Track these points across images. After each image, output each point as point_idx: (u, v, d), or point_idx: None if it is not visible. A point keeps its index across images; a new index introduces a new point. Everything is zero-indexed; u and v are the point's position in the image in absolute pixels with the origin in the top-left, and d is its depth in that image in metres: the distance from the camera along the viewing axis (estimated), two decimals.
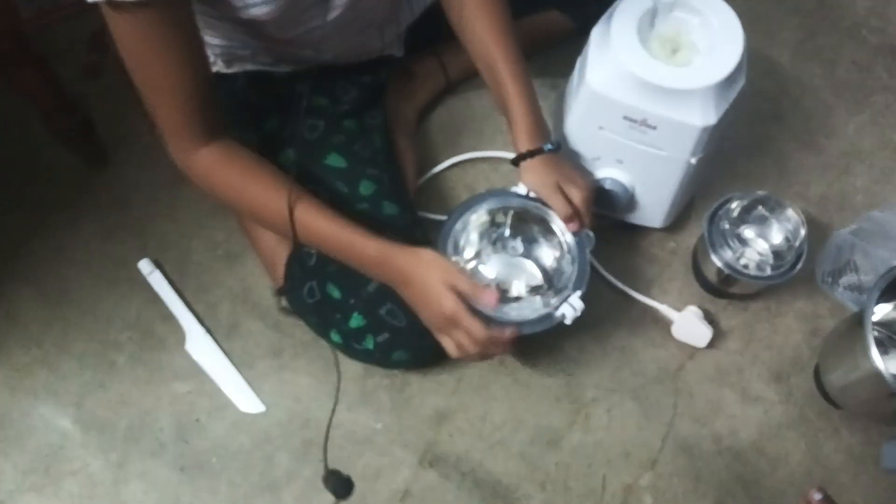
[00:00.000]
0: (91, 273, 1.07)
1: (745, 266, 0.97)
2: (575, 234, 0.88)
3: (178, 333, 1.03)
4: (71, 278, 1.07)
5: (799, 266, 0.97)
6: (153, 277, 1.05)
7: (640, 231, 1.10)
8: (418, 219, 1.01)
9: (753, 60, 1.22)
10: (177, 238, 1.10)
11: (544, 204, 0.89)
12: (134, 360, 1.02)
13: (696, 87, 0.85)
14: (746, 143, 1.18)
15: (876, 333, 0.99)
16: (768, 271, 0.97)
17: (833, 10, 1.31)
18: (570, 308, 0.85)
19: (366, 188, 0.96)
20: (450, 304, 0.80)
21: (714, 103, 0.87)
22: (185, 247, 1.09)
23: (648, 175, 0.98)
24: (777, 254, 0.97)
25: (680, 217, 1.10)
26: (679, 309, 1.04)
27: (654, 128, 0.90)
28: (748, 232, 0.97)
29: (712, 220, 0.99)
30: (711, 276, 1.03)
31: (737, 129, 1.14)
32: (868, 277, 1.03)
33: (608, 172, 0.99)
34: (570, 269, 0.87)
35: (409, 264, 0.82)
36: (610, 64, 0.88)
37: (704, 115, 0.88)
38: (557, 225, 0.89)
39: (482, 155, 1.16)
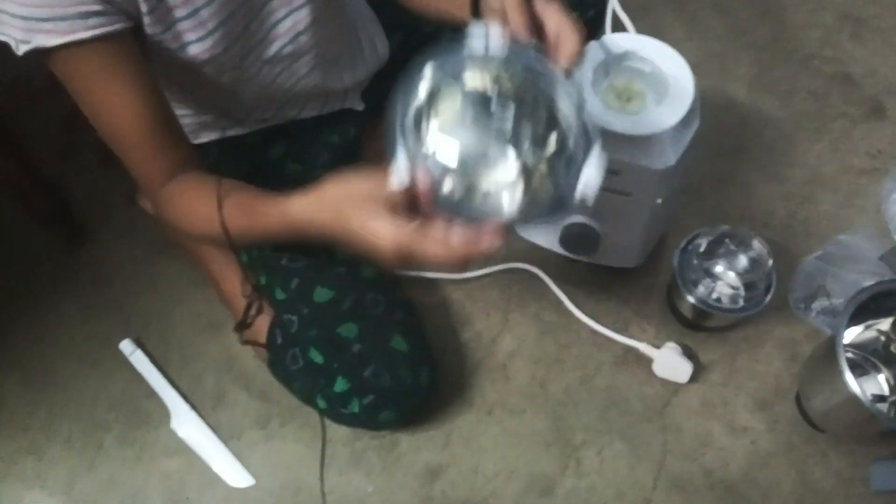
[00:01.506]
0: (74, 355, 1.08)
1: (718, 300, 0.99)
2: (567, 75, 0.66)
3: (165, 410, 1.03)
4: (55, 361, 1.07)
5: (769, 297, 0.98)
6: (135, 357, 1.06)
7: (615, 272, 1.12)
8: (398, 281, 1.02)
9: (712, 97, 1.27)
10: (158, 312, 1.10)
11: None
12: (121, 440, 1.02)
13: (651, 132, 0.88)
14: (712, 177, 1.21)
15: (851, 355, 1.01)
16: (741, 303, 0.99)
17: (786, 43, 1.36)
18: (593, 168, 0.63)
19: (343, 251, 0.97)
20: (391, 251, 0.61)
21: (671, 146, 0.90)
22: (168, 320, 1.10)
23: (616, 217, 1.00)
24: (748, 285, 0.99)
25: (652, 254, 1.12)
26: (658, 346, 1.05)
27: (617, 173, 0.92)
28: (717, 267, 0.99)
29: (682, 257, 1.01)
30: (687, 312, 1.04)
31: (701, 164, 1.17)
32: (840, 301, 1.05)
33: (577, 217, 1.01)
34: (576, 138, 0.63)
35: (323, 220, 0.66)
36: None
37: (663, 158, 0.90)
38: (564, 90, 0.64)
39: None
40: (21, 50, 0.67)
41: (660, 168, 0.91)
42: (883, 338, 0.99)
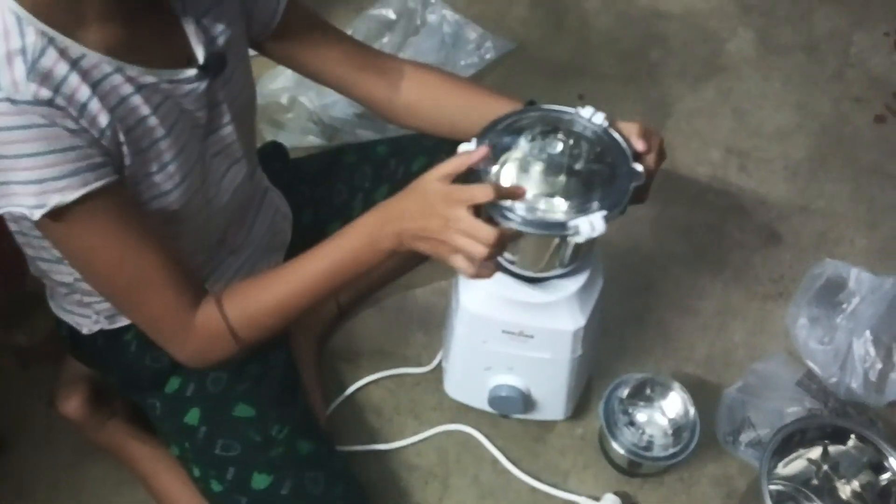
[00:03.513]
0: None
1: (648, 446, 1.01)
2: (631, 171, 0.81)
3: None
4: None
5: (694, 442, 1.00)
6: None
7: (547, 424, 1.13)
8: (335, 450, 1.01)
9: (616, 239, 1.33)
10: None
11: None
12: None
13: (558, 298, 0.92)
14: (628, 317, 1.25)
15: (783, 488, 1.03)
16: (670, 450, 1.00)
17: (678, 182, 1.45)
18: (588, 225, 0.76)
19: (279, 431, 0.95)
20: (441, 204, 0.75)
21: (579, 307, 0.94)
22: None
23: (539, 376, 1.02)
24: (675, 431, 1.01)
25: (581, 402, 1.14)
26: (598, 498, 1.05)
27: (532, 336, 0.96)
28: (641, 415, 1.02)
29: (606, 408, 1.03)
30: (620, 461, 1.05)
31: (615, 305, 1.21)
32: (765, 431, 1.08)
33: (502, 379, 1.03)
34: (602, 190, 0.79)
35: (397, 200, 0.79)
36: (479, 287, 0.94)
37: (573, 320, 0.94)
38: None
39: (385, 374, 1.19)
40: (36, 215, 0.68)
41: (571, 329, 0.94)
42: (814, 467, 1.01)
